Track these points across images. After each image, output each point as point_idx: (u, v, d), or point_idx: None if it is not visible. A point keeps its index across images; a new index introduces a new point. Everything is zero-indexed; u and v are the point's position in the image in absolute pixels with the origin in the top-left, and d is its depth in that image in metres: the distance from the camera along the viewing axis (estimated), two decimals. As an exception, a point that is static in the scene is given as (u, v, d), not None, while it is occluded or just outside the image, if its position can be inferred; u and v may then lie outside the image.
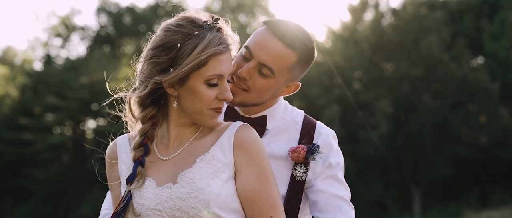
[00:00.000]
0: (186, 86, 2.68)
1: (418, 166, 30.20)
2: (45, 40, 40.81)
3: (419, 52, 29.60)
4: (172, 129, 2.81)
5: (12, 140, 34.83)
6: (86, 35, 40.46)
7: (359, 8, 32.51)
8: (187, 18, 2.75)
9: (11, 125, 36.10)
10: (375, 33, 31.13)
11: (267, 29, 2.96)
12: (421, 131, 29.56)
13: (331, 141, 3.11)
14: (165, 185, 2.70)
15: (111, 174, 2.93)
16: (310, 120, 3.18)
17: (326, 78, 30.52)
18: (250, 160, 2.71)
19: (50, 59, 39.90)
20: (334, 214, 2.97)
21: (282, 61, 2.91)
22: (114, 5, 39.73)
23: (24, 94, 38.05)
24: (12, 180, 34.80)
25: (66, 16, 40.21)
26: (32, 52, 42.27)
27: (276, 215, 2.72)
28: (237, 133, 2.74)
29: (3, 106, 38.27)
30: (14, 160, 35.13)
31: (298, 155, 2.99)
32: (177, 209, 2.65)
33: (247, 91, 2.94)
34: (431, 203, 30.18)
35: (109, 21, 40.03)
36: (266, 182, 2.71)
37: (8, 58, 43.32)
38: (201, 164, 2.69)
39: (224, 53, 2.70)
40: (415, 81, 29.77)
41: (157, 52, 2.68)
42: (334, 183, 3.04)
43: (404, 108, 30.31)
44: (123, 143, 2.94)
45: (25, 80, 38.78)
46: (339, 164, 3.09)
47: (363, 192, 29.25)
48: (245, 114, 3.11)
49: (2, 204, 36.61)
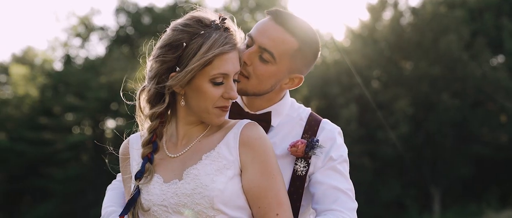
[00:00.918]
0: (192, 85, 2.73)
1: (437, 165, 30.05)
2: (65, 40, 41.01)
3: (438, 51, 29.45)
4: (180, 127, 2.86)
5: (32, 139, 35.06)
6: (105, 35, 40.62)
7: (378, 7, 32.40)
8: (195, 17, 2.78)
9: (31, 125, 36.34)
10: (394, 32, 31.01)
11: (270, 18, 2.97)
12: (440, 130, 29.40)
13: (334, 136, 3.07)
14: (171, 182, 2.75)
15: (123, 169, 3.00)
16: (315, 116, 3.16)
17: (345, 78, 30.45)
18: (255, 157, 2.74)
19: (70, 59, 40.08)
20: (329, 205, 2.91)
21: (282, 46, 2.91)
22: (133, 5, 39.86)
23: (44, 94, 38.26)
24: (31, 179, 34.99)
25: (86, 16, 40.38)
26: (52, 52, 42.48)
27: (282, 212, 2.74)
28: (243, 131, 2.77)
29: (23, 106, 38.51)
30: (34, 160, 35.33)
31: (297, 148, 2.97)
32: (182, 205, 2.70)
33: (248, 78, 2.93)
34: (451, 202, 30.03)
35: (128, 21, 40.15)
36: (272, 179, 2.74)
37: (29, 59, 43.55)
38: (206, 161, 2.73)
39: (229, 53, 2.73)
40: (434, 80, 29.62)
41: (164, 51, 2.73)
42: (333, 175, 2.99)
43: (423, 107, 30.16)
44: (135, 140, 3.00)
45: (45, 80, 38.98)
46: (341, 156, 3.04)
47: (382, 192, 29.17)
48: (250, 110, 3.11)
49: (22, 203, 36.85)
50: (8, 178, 36.25)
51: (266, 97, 3.07)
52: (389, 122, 28.85)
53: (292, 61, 2.96)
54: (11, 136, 37.31)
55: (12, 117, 38.01)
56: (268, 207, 2.72)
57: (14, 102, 38.81)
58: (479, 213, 27.61)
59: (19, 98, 38.97)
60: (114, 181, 3.29)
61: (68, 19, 42.28)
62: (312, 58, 3.05)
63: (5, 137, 37.19)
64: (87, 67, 37.78)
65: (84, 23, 40.29)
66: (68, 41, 40.83)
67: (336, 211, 2.88)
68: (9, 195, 36.21)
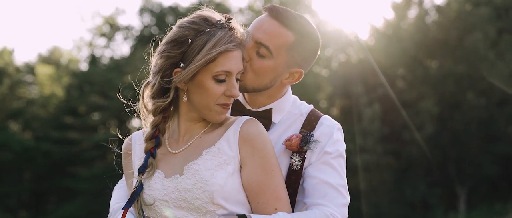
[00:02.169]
0: (195, 81, 2.76)
1: (463, 164, 29.87)
2: (90, 40, 41.25)
3: (463, 49, 29.26)
4: (182, 124, 2.90)
5: (58, 139, 35.32)
6: (129, 35, 40.81)
7: (403, 6, 32.25)
8: (201, 16, 2.83)
9: (57, 124, 36.63)
10: (419, 30, 30.85)
11: (266, 14, 3.00)
12: (466, 129, 29.22)
13: (332, 131, 3.05)
14: (173, 177, 2.79)
15: (126, 165, 3.05)
16: (316, 112, 3.16)
17: (370, 77, 30.34)
18: (255, 153, 2.77)
19: (95, 59, 40.32)
20: (317, 199, 2.90)
21: (278, 40, 2.92)
22: (157, 4, 40.01)
23: (70, 94, 38.52)
24: (57, 178, 35.24)
25: (110, 16, 40.59)
26: (78, 52, 42.77)
27: (281, 207, 2.78)
28: (242, 127, 2.81)
29: (49, 106, 38.81)
30: (60, 159, 35.59)
31: (291, 142, 2.97)
32: (183, 199, 2.74)
33: (244, 73, 2.93)
34: (476, 202, 29.84)
35: (153, 21, 40.31)
36: (271, 175, 2.77)
37: (54, 59, 43.87)
38: (207, 156, 2.77)
39: (233, 51, 2.77)
40: (459, 79, 29.44)
41: (169, 47, 2.79)
42: (326, 169, 2.97)
43: (448, 106, 29.98)
44: (138, 136, 3.06)
45: (71, 80, 39.25)
46: (337, 151, 3.01)
47: (407, 191, 29.05)
48: (251, 107, 3.12)
49: (48, 202, 37.14)
50: (34, 177, 36.57)
51: (267, 94, 3.08)
52: (414, 121, 28.70)
53: (289, 55, 2.97)
54: (37, 135, 37.65)
55: (38, 116, 38.35)
56: (267, 202, 2.76)
57: (40, 102, 39.14)
58: (504, 213, 27.41)
59: (45, 98, 39.29)
60: (120, 181, 3.33)
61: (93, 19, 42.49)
62: (312, 52, 3.06)
63: (31, 137, 37.54)
64: (112, 66, 37.99)
65: (109, 23, 40.50)
66: (93, 41, 41.08)
67: (324, 206, 2.87)
68: (35, 194, 36.52)
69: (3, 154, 35.54)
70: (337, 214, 2.86)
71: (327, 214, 2.84)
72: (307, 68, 3.08)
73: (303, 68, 3.06)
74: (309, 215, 2.83)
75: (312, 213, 2.83)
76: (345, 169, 3.06)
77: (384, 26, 32.70)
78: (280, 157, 2.98)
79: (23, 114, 37.65)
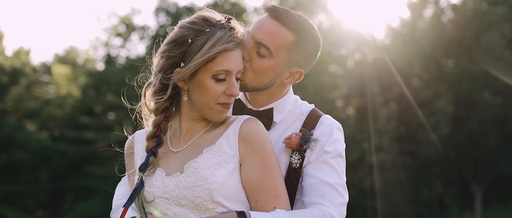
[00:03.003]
0: (195, 81, 2.80)
1: (479, 164, 29.75)
2: (106, 40, 41.39)
3: (480, 48, 29.12)
4: (183, 123, 2.94)
5: (74, 138, 35.47)
6: (145, 35, 40.90)
7: (419, 5, 32.13)
8: (201, 16, 2.88)
9: (73, 124, 36.80)
10: (435, 29, 30.72)
11: (266, 14, 3.03)
12: (482, 128, 29.09)
13: (332, 130, 3.07)
14: (173, 175, 2.83)
15: (128, 163, 3.14)
16: (317, 112, 3.18)
17: (385, 76, 30.26)
18: (254, 151, 2.79)
19: (111, 58, 40.45)
20: (315, 198, 2.92)
21: (277, 39, 2.95)
22: (172, 4, 40.06)
23: (86, 93, 38.69)
24: (73, 178, 35.39)
25: (126, 16, 40.67)
26: (94, 52, 42.93)
27: (280, 205, 2.80)
28: (242, 125, 2.84)
29: (65, 106, 38.99)
30: (76, 158, 35.75)
31: (290, 141, 2.99)
32: (183, 197, 2.78)
33: (244, 73, 2.96)
34: (493, 201, 29.73)
35: (168, 21, 40.36)
36: (270, 173, 2.79)
37: (71, 58, 44.08)
38: (207, 155, 2.81)
39: (233, 51, 2.80)
40: (476, 78, 29.31)
41: (170, 47, 2.83)
42: (325, 169, 2.99)
43: (464, 105, 29.87)
44: (141, 135, 3.11)
45: (87, 80, 39.42)
46: (336, 150, 3.03)
47: (423, 191, 28.96)
48: (252, 106, 3.14)
49: (64, 201, 37.29)
50: (51, 177, 36.73)
51: (269, 94, 3.10)
52: (430, 121, 28.60)
53: (289, 55, 2.99)
54: (54, 135, 37.83)
55: (55, 116, 38.54)
56: (265, 200, 2.79)
57: (56, 102, 39.33)
58: (521, 212, 27.34)
59: (61, 98, 39.49)
60: (123, 178, 3.42)
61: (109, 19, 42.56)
62: (312, 52, 3.08)
63: (47, 136, 37.72)
64: (128, 66, 38.11)
65: (125, 23, 40.61)
66: (109, 41, 41.19)
67: (322, 205, 2.89)
68: (52, 193, 36.67)
69: (20, 153, 35.77)
70: (335, 213, 2.89)
71: (325, 213, 2.86)
72: (308, 68, 3.11)
73: (304, 68, 3.08)
74: (307, 214, 2.85)
75: (310, 212, 2.85)
76: (344, 168, 3.08)
77: (400, 25, 32.60)
78: (280, 155, 3.00)
79: (40, 113, 37.83)
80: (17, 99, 37.45)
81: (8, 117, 36.68)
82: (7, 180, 34.48)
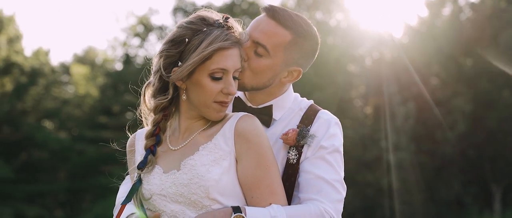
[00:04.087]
0: (192, 79, 2.83)
1: (498, 163, 29.55)
2: (124, 40, 41.56)
3: (498, 47, 28.94)
4: (182, 122, 2.97)
5: (92, 138, 35.63)
6: (163, 35, 40.98)
7: (437, 3, 31.98)
8: (199, 16, 2.93)
9: (92, 124, 36.98)
10: (453, 28, 30.56)
11: (264, 14, 3.05)
12: (501, 127, 28.91)
13: (329, 125, 3.07)
14: (170, 172, 2.86)
15: (129, 161, 3.17)
16: (315, 107, 3.18)
17: (403, 75, 30.14)
18: (250, 148, 2.80)
19: (129, 58, 40.61)
20: (311, 194, 2.92)
21: (275, 38, 2.97)
22: (190, 4, 40.14)
23: (104, 93, 38.86)
24: (92, 177, 35.55)
25: (144, 16, 40.82)
26: (112, 52, 43.12)
27: (275, 202, 2.80)
28: (238, 122, 2.85)
29: (84, 106, 39.20)
30: (94, 158, 35.91)
31: (287, 136, 3.00)
32: (180, 194, 2.80)
33: (242, 72, 2.97)
34: (512, 201, 29.54)
35: (186, 21, 40.47)
36: (266, 170, 2.80)
37: (89, 58, 44.30)
38: (203, 152, 2.83)
39: (229, 49, 2.82)
40: (494, 77, 29.14)
41: (168, 47, 2.88)
42: (321, 164, 2.98)
43: (483, 104, 29.69)
44: (141, 134, 3.16)
45: (105, 79, 39.59)
46: (332, 146, 3.03)
47: (442, 190, 28.84)
48: (252, 104, 3.16)
49: (83, 201, 37.46)
50: (70, 176, 36.91)
51: (268, 92, 3.12)
52: (448, 120, 28.47)
53: (287, 54, 3.00)
54: (72, 134, 38.02)
55: (73, 116, 38.74)
56: (261, 197, 2.80)
57: (75, 101, 39.55)
58: (541, 212, 27.16)
59: (80, 97, 39.71)
60: (127, 177, 3.46)
61: (127, 19, 42.91)
62: (310, 51, 3.09)
63: (66, 136, 37.91)
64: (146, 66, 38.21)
65: (143, 23, 40.74)
66: (127, 40, 41.38)
67: (318, 201, 2.89)
68: (70, 192, 36.86)
69: (39, 153, 36.02)
70: (331, 209, 2.89)
71: (321, 209, 2.86)
72: (307, 67, 3.12)
73: (302, 67, 3.10)
74: (303, 209, 2.85)
75: (306, 208, 2.85)
76: (341, 163, 3.07)
77: (418, 24, 32.45)
78: (278, 152, 3.02)
79: (59, 113, 38.03)
80: (36, 99, 37.68)
81: (27, 116, 36.92)
82: (27, 179, 34.67)
